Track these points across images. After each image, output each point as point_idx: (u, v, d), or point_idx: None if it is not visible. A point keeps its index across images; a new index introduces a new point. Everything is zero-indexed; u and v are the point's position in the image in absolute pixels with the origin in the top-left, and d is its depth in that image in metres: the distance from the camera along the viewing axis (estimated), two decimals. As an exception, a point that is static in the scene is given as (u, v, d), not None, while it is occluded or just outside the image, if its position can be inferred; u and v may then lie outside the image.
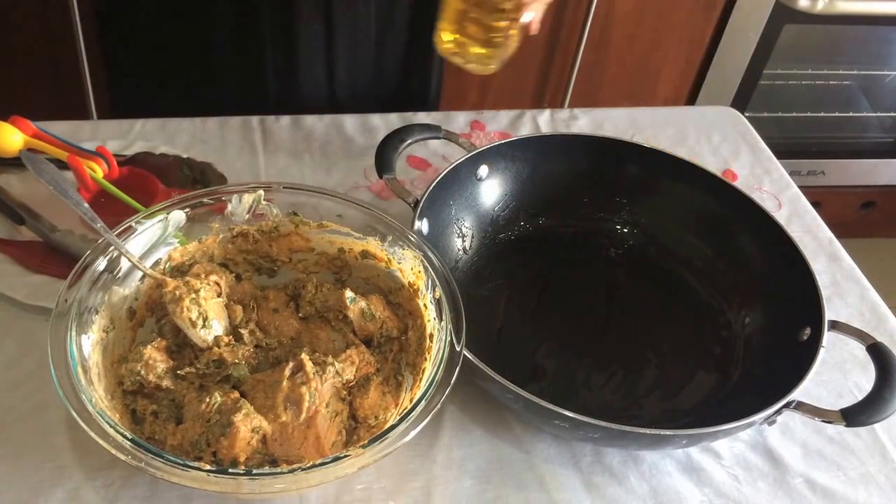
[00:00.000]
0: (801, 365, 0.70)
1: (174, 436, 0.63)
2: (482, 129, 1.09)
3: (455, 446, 0.72)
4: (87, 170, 0.84)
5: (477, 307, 0.82)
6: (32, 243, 0.82)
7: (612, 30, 1.73)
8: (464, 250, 0.89)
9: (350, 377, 0.69)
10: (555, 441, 0.74)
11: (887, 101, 2.10)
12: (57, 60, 1.57)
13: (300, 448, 0.64)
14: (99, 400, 0.60)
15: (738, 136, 1.14)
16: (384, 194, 0.96)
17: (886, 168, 2.13)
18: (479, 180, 0.89)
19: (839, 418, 0.68)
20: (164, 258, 0.72)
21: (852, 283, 0.93)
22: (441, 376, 0.63)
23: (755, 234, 0.86)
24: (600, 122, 1.12)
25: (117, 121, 1.01)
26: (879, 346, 0.72)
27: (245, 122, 1.03)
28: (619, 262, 0.92)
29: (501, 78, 1.78)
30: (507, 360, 0.75)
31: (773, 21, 1.75)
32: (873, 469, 0.75)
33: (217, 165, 0.93)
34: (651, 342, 0.84)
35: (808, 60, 1.97)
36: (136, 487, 0.66)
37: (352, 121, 1.06)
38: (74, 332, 0.62)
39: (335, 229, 0.76)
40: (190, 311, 0.67)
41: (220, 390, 0.65)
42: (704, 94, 1.87)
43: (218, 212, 0.74)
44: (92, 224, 0.69)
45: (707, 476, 0.73)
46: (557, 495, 0.70)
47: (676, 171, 0.91)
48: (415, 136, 0.88)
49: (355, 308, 0.72)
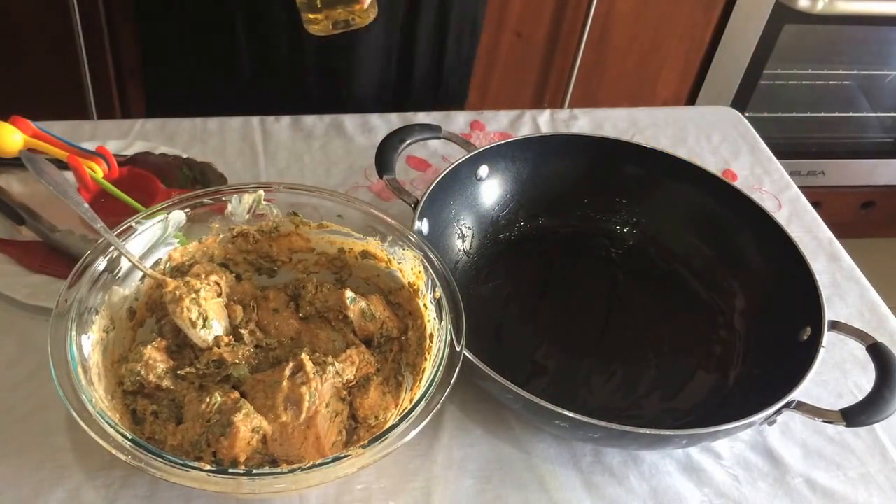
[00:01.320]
0: (801, 365, 0.70)
1: (174, 436, 0.63)
2: (482, 129, 1.09)
3: (455, 446, 0.72)
4: (87, 170, 0.84)
5: (477, 307, 0.82)
6: (32, 243, 0.82)
7: (612, 30, 1.73)
8: (464, 250, 0.89)
9: (350, 377, 0.69)
10: (555, 441, 0.74)
11: (887, 101, 2.09)
12: (57, 60, 1.57)
13: (300, 448, 0.64)
14: (99, 400, 0.60)
15: (738, 136, 1.14)
16: (384, 194, 0.96)
17: (886, 168, 2.13)
18: (479, 180, 0.89)
19: (839, 418, 0.68)
20: (164, 258, 0.72)
21: (852, 283, 0.93)
22: (441, 376, 0.63)
23: (755, 234, 0.86)
24: (600, 123, 1.12)
25: (117, 121, 1.01)
26: (879, 346, 0.72)
27: (245, 122, 1.03)
28: (619, 262, 0.92)
29: (501, 78, 1.78)
30: (507, 359, 0.76)
31: (773, 21, 1.75)
32: (873, 469, 0.75)
33: (217, 165, 0.93)
34: (651, 342, 0.84)
35: (807, 60, 1.97)
36: (136, 487, 0.66)
37: (352, 121, 1.06)
38: (74, 332, 0.62)
39: (335, 229, 0.76)
40: (190, 311, 0.67)
41: (220, 390, 0.65)
42: (704, 94, 1.88)
43: (218, 212, 0.74)
44: (92, 224, 0.69)
45: (707, 476, 0.73)
46: (557, 495, 0.70)
47: (676, 171, 0.91)
48: (415, 136, 0.88)
49: (355, 308, 0.72)
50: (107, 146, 0.90)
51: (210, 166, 0.92)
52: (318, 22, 0.85)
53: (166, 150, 0.94)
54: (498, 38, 1.70)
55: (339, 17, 0.85)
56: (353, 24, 0.86)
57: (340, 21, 0.85)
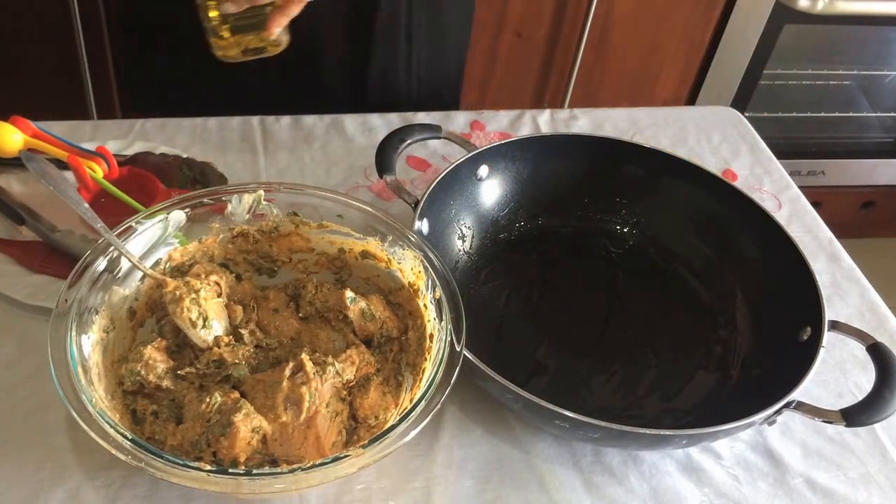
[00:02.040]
0: (801, 365, 0.70)
1: (174, 436, 0.63)
2: (482, 129, 1.09)
3: (455, 446, 0.72)
4: (87, 170, 0.84)
5: (477, 307, 0.82)
6: (32, 243, 0.82)
7: (612, 30, 1.73)
8: (464, 250, 0.89)
9: (350, 377, 0.69)
10: (555, 441, 0.74)
11: (887, 101, 2.10)
12: (57, 60, 1.57)
13: (300, 448, 0.64)
14: (99, 400, 0.60)
15: (738, 136, 1.14)
16: (384, 194, 0.96)
17: (886, 168, 2.13)
18: (479, 180, 0.89)
19: (839, 418, 0.68)
20: (164, 258, 0.72)
21: (852, 283, 0.93)
22: (441, 376, 0.63)
23: (755, 234, 0.86)
24: (600, 123, 1.12)
25: (117, 121, 1.01)
26: (879, 346, 0.72)
27: (245, 122, 1.03)
28: (619, 262, 0.92)
29: (501, 78, 1.78)
30: (506, 359, 0.76)
31: (773, 21, 1.75)
32: (873, 469, 0.75)
33: (217, 165, 0.93)
34: (651, 342, 0.84)
35: (807, 60, 1.97)
36: (136, 487, 0.66)
37: (352, 121, 1.06)
38: (74, 332, 0.62)
39: (335, 229, 0.76)
40: (190, 311, 0.67)
41: (221, 390, 0.65)
42: (704, 94, 1.88)
43: (218, 212, 0.74)
44: (92, 224, 0.69)
45: (707, 476, 0.73)
46: (557, 495, 0.70)
47: (676, 171, 0.91)
48: (415, 136, 0.88)
49: (355, 308, 0.72)
50: (107, 146, 0.90)
51: (210, 166, 0.92)
52: (227, 48, 0.83)
53: (166, 150, 0.95)
54: (498, 38, 1.70)
55: (250, 44, 0.84)
56: (265, 52, 0.84)
57: (251, 49, 0.84)
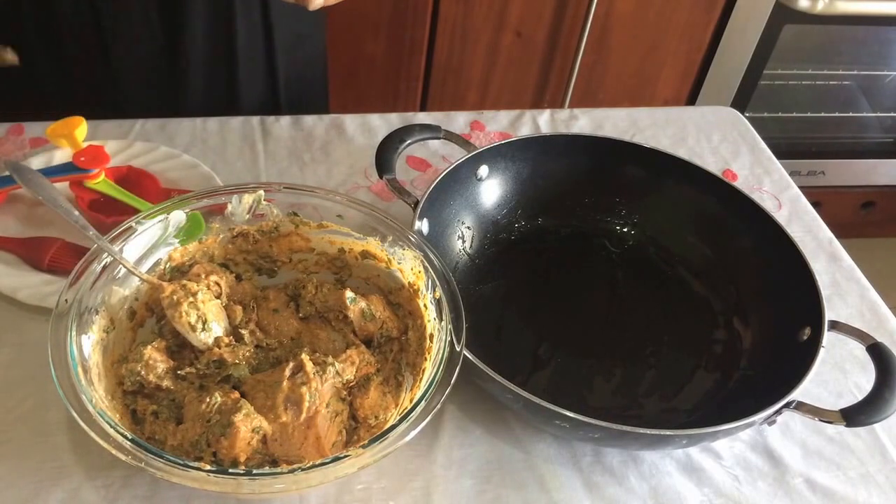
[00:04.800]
0: (801, 365, 0.70)
1: (174, 436, 0.63)
2: (482, 129, 1.09)
3: (455, 446, 0.72)
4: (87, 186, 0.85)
5: (477, 307, 0.82)
6: (44, 239, 0.82)
7: (612, 30, 1.73)
8: (464, 250, 0.89)
9: (350, 377, 0.69)
10: (555, 441, 0.74)
11: (887, 101, 2.10)
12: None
13: (300, 448, 0.64)
14: (99, 400, 0.60)
15: (738, 136, 1.14)
16: (384, 194, 0.96)
17: (886, 168, 2.13)
18: (479, 180, 0.89)
19: (839, 418, 0.68)
20: (164, 258, 0.72)
21: (852, 283, 0.93)
22: (441, 376, 0.63)
23: (755, 235, 0.86)
24: (600, 123, 1.12)
25: (117, 121, 1.01)
26: (879, 346, 0.72)
27: (245, 122, 1.03)
28: (619, 262, 0.92)
29: (501, 78, 1.78)
30: (506, 359, 0.76)
31: (773, 21, 1.75)
32: (873, 469, 0.75)
33: (217, 165, 0.93)
34: (651, 342, 0.84)
35: (808, 60, 1.97)
36: (136, 487, 0.66)
37: (352, 121, 1.06)
38: (74, 332, 0.62)
39: (335, 229, 0.76)
40: (188, 315, 0.67)
41: (221, 390, 0.65)
42: (704, 94, 1.88)
43: (218, 212, 0.74)
44: (84, 232, 0.68)
45: (707, 476, 0.73)
46: (557, 495, 0.70)
47: (676, 171, 0.91)
48: (415, 136, 0.88)
49: (355, 308, 0.72)
50: (107, 146, 0.90)
51: None
52: None
53: (166, 150, 0.95)
54: (498, 38, 1.70)
55: None
56: None
57: None
